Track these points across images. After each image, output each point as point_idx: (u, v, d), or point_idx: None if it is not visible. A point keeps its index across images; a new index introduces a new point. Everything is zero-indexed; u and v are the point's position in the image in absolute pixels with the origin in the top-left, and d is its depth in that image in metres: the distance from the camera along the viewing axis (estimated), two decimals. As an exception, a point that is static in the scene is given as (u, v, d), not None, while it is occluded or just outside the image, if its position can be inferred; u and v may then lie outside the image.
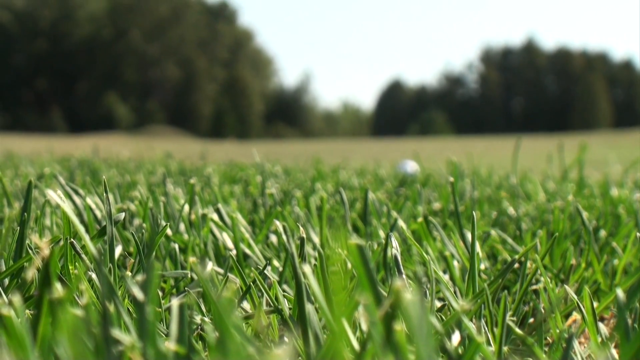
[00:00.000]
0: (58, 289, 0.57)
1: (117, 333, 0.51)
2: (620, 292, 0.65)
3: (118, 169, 2.71)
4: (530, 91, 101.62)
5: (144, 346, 0.48)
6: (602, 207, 1.66)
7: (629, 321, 0.66)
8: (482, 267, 1.21)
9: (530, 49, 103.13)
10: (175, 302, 0.58)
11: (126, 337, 0.51)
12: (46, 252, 0.58)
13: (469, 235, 1.24)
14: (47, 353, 0.47)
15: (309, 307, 0.59)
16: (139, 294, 0.56)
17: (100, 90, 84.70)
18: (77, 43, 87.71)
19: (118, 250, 0.98)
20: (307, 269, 0.57)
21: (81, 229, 0.75)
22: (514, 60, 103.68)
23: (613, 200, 1.74)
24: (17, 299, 0.61)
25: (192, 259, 1.02)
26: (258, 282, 0.92)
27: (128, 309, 0.73)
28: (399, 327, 0.49)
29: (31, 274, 0.64)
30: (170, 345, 0.52)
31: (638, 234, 1.17)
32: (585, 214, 1.38)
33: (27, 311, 0.68)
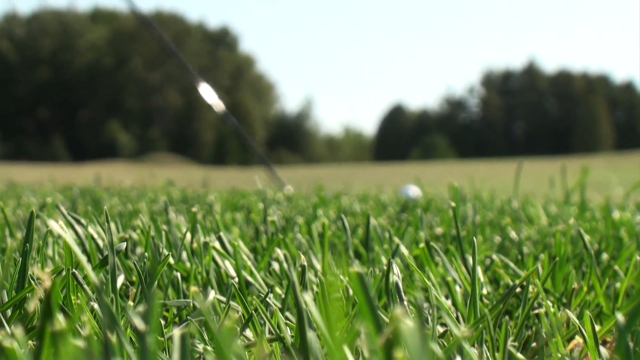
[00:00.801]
0: (60, 320, 0.57)
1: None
2: (620, 316, 0.65)
3: (120, 197, 2.72)
4: (532, 114, 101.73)
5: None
6: (604, 230, 1.66)
7: (631, 344, 0.66)
8: (485, 291, 1.21)
9: (531, 72, 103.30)
10: (177, 332, 0.58)
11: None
12: (48, 283, 0.58)
13: (470, 260, 1.24)
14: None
15: (310, 335, 0.60)
16: (140, 324, 0.56)
17: (102, 119, 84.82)
18: (78, 72, 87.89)
19: (120, 279, 0.98)
20: (308, 297, 0.58)
21: (83, 259, 0.75)
22: (515, 84, 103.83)
23: (615, 223, 1.74)
24: (19, 330, 0.61)
25: (193, 288, 1.02)
26: (260, 310, 0.92)
27: (130, 338, 0.73)
28: (400, 354, 0.49)
29: (33, 305, 0.64)
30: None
31: (639, 257, 1.17)
32: (587, 237, 1.39)
33: (30, 342, 0.68)
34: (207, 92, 7.98)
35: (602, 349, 0.80)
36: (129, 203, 2.40)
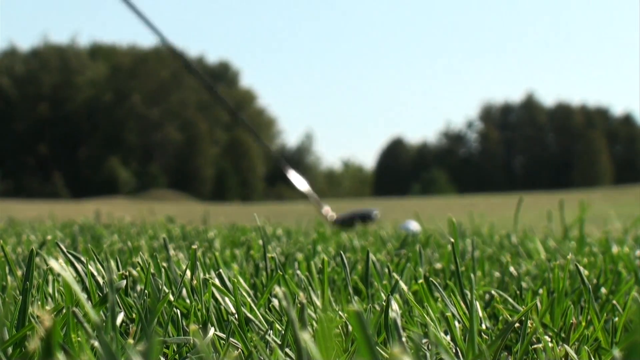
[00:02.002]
0: (60, 359, 0.57)
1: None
2: (618, 352, 0.66)
3: (120, 234, 2.72)
4: (531, 148, 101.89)
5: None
6: (602, 265, 1.67)
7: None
8: (484, 327, 1.21)
9: (530, 106, 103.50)
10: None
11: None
12: (48, 322, 0.59)
13: (469, 295, 1.25)
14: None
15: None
16: (140, 362, 0.57)
17: (102, 155, 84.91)
18: (78, 108, 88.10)
19: (120, 317, 0.99)
20: (306, 335, 0.58)
21: (83, 297, 0.76)
22: (514, 118, 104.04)
23: (613, 257, 1.75)
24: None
25: (193, 327, 1.02)
26: (259, 347, 0.92)
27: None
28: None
29: (34, 344, 0.65)
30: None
31: (636, 292, 1.18)
32: (585, 272, 1.39)
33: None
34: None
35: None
36: (128, 240, 2.41)
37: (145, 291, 1.19)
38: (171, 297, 1.12)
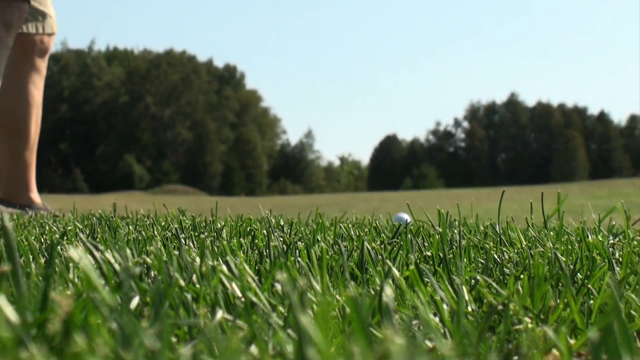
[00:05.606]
0: (78, 341, 0.57)
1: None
2: (593, 332, 0.66)
3: (135, 225, 2.72)
4: (513, 146, 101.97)
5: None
6: (578, 252, 1.66)
7: (604, 357, 0.66)
8: (470, 309, 1.21)
9: (512, 107, 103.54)
10: (186, 350, 0.59)
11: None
12: (67, 307, 0.59)
13: (457, 280, 1.25)
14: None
15: (309, 351, 0.60)
16: (153, 343, 0.56)
17: (118, 152, 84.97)
18: (95, 109, 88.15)
19: (135, 301, 0.99)
20: (307, 317, 0.58)
21: (100, 283, 0.76)
22: (498, 118, 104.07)
23: (589, 245, 1.74)
24: (43, 350, 0.61)
25: (202, 310, 1.02)
26: (263, 328, 0.92)
27: (146, 355, 0.73)
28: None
29: (55, 326, 0.65)
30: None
31: (609, 280, 1.18)
32: (563, 259, 1.39)
33: None
34: None
35: (577, 362, 0.80)
36: (143, 230, 2.40)
37: (158, 277, 1.19)
38: (182, 283, 1.12)
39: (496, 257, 1.66)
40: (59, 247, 1.72)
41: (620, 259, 1.65)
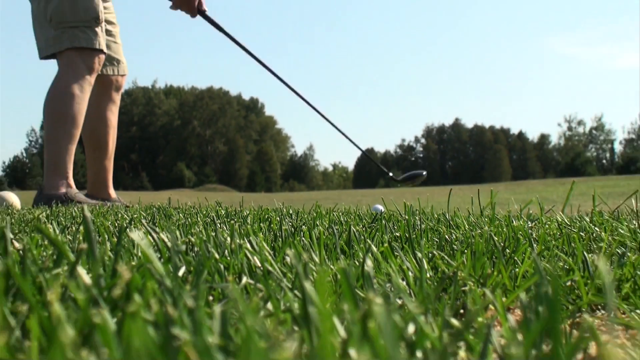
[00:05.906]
0: (136, 300, 0.55)
1: (176, 331, 0.49)
2: (522, 294, 0.64)
3: (184, 214, 2.69)
4: (457, 156, 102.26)
5: (195, 340, 0.46)
6: (506, 233, 1.64)
7: (528, 312, 0.64)
8: (428, 275, 1.18)
9: (456, 128, 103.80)
10: (217, 308, 0.56)
11: (183, 334, 0.49)
12: (127, 275, 0.56)
13: (419, 254, 1.22)
14: (128, 346, 0.45)
15: (310, 308, 0.57)
16: (191, 302, 0.54)
17: (173, 161, 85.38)
18: (157, 130, 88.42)
19: (182, 270, 0.96)
20: (308, 282, 0.56)
21: (155, 257, 0.73)
22: (446, 136, 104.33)
23: (514, 228, 1.72)
24: (106, 309, 0.59)
25: (231, 277, 1.00)
26: (276, 290, 0.90)
27: (188, 311, 0.71)
28: (372, 324, 0.47)
29: (119, 289, 0.62)
30: (214, 339, 0.50)
31: (531, 254, 1.16)
32: (495, 238, 1.37)
33: (119, 315, 0.66)
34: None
35: (509, 315, 0.78)
36: (189, 217, 2.38)
37: (199, 252, 1.16)
38: (217, 256, 1.10)
39: (447, 237, 1.63)
40: (127, 230, 1.70)
41: (537, 238, 1.62)
